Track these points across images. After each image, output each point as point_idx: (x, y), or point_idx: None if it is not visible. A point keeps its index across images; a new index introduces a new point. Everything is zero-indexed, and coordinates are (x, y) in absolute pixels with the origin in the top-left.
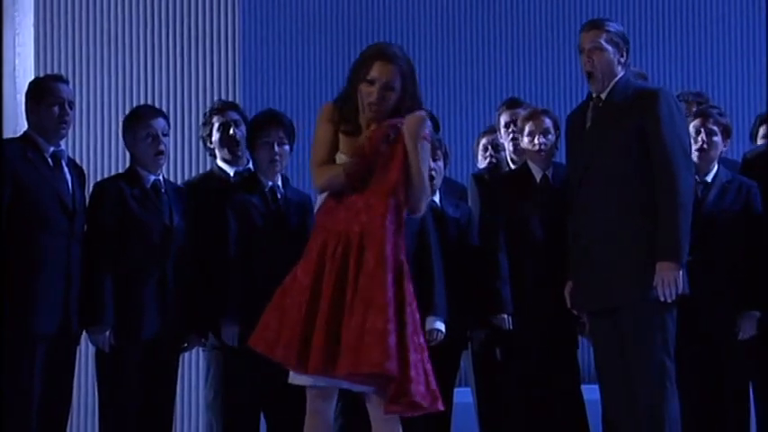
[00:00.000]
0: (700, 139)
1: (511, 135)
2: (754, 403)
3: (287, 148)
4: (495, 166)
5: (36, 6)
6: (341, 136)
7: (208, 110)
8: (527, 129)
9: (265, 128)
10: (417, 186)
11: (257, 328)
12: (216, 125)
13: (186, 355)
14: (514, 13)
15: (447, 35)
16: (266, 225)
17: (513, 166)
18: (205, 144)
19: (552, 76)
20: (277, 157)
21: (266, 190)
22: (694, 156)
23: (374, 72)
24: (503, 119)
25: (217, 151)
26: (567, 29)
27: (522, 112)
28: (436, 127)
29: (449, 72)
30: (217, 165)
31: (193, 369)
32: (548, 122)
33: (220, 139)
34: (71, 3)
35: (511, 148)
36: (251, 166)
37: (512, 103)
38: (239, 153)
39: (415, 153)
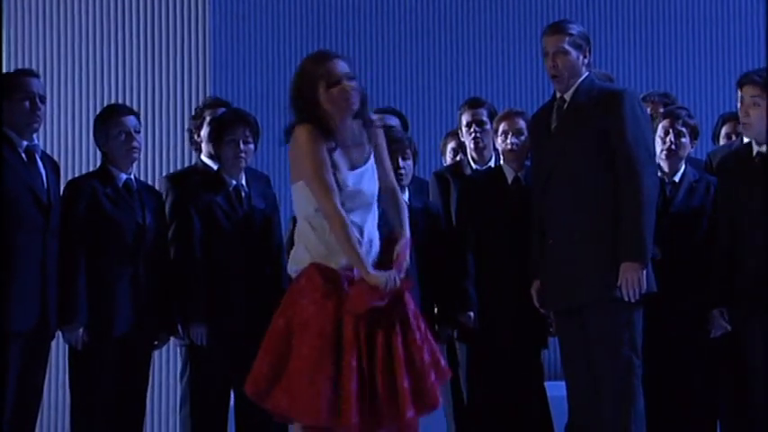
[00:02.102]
0: (668, 140)
1: (472, 134)
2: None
3: (252, 146)
4: (457, 164)
5: (7, 4)
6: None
7: (201, 104)
8: (500, 129)
9: (231, 126)
10: (392, 179)
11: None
12: (207, 120)
13: (159, 352)
14: (481, 12)
15: (414, 35)
16: (230, 224)
17: (474, 166)
18: (191, 137)
19: (518, 76)
20: (242, 155)
21: (230, 189)
22: (662, 156)
23: (334, 71)
24: (464, 118)
25: (203, 146)
26: (534, 28)
27: (484, 112)
28: (405, 126)
29: (415, 71)
30: (201, 159)
31: (164, 366)
32: (521, 123)
33: (210, 134)
34: (41, 1)
35: (472, 147)
36: None
37: (473, 103)
38: None
39: (385, 153)
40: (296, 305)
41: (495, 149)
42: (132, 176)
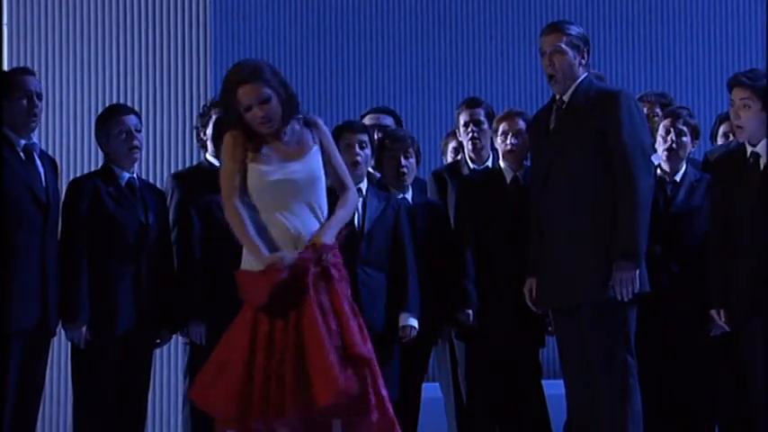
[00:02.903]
0: (669, 138)
1: (470, 134)
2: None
3: None
4: (455, 164)
5: (8, 5)
6: (250, 154)
7: (207, 102)
8: (500, 129)
9: None
10: (343, 176)
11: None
12: (213, 119)
13: (161, 350)
14: (481, 13)
15: (414, 35)
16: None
17: (471, 165)
18: (198, 136)
19: (518, 76)
20: None
21: None
22: (663, 156)
23: (243, 100)
24: (462, 118)
25: (209, 144)
26: (533, 28)
27: (482, 112)
28: (399, 125)
29: (415, 71)
30: (206, 158)
31: (165, 364)
32: (521, 124)
33: (213, 134)
34: (43, 1)
35: (470, 147)
36: None
37: (471, 103)
38: None
39: (333, 147)
40: None
41: (493, 149)
42: (135, 175)
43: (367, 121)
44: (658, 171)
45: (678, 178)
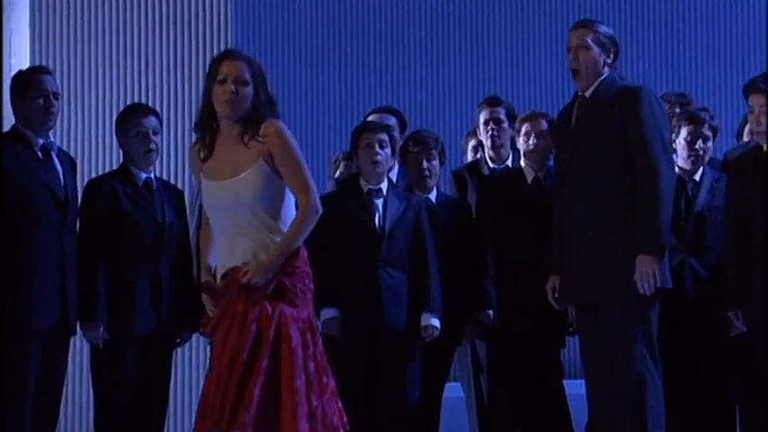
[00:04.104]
0: (698, 146)
1: (490, 132)
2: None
3: None
4: (475, 163)
5: (31, 6)
6: (203, 166)
7: None
8: (523, 129)
9: None
10: (295, 189)
11: None
12: None
13: (181, 350)
14: (503, 13)
15: (435, 34)
16: None
17: (491, 164)
18: None
19: (539, 76)
20: None
21: None
22: (689, 161)
23: (223, 70)
24: (482, 116)
25: None
26: (555, 29)
27: (502, 111)
28: (403, 125)
29: (436, 71)
30: None
31: (186, 363)
32: (544, 124)
33: None
34: (65, 2)
35: (489, 145)
36: None
37: (491, 102)
38: None
39: (287, 159)
40: None
41: (513, 148)
42: (152, 175)
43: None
44: (677, 170)
45: (697, 178)
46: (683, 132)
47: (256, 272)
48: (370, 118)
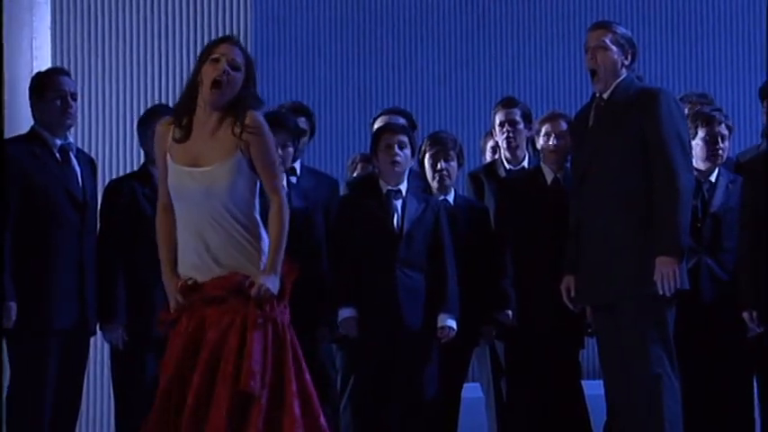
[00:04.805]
0: (717, 147)
1: (505, 134)
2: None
3: (290, 150)
4: (491, 164)
5: (52, 9)
6: (172, 146)
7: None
8: (543, 130)
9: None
10: (268, 187)
11: None
12: None
13: None
14: (520, 13)
15: (452, 35)
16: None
17: (507, 165)
18: None
19: (557, 77)
20: (280, 159)
21: None
22: (707, 161)
23: (220, 50)
24: (497, 118)
25: None
26: (572, 29)
27: (518, 112)
28: (413, 126)
29: (453, 71)
30: None
31: None
32: (563, 125)
33: None
34: (87, 4)
35: (505, 146)
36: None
37: (507, 103)
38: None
39: (264, 153)
40: None
41: (530, 149)
42: None
43: (380, 122)
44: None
45: (713, 179)
46: (701, 133)
47: (264, 283)
48: (379, 119)
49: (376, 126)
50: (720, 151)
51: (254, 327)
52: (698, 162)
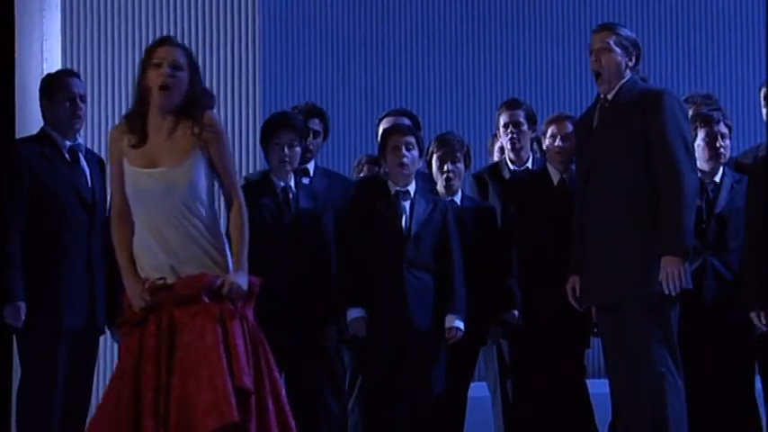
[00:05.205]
0: (718, 145)
1: (510, 135)
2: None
3: (298, 149)
4: (495, 165)
5: (63, 11)
6: (128, 152)
7: (292, 109)
8: (549, 131)
9: (276, 130)
10: (227, 186)
11: None
12: None
13: None
14: (528, 15)
15: (461, 37)
16: (277, 224)
17: (511, 166)
18: None
19: (562, 78)
20: (287, 159)
21: (278, 190)
22: (710, 161)
23: (160, 53)
24: (502, 119)
25: None
26: (578, 31)
27: (521, 113)
28: (417, 126)
29: (460, 73)
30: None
31: None
32: (569, 127)
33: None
34: (96, 7)
35: (509, 147)
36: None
37: (511, 104)
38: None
39: (222, 151)
40: None
41: (533, 150)
42: None
43: (385, 123)
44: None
45: (717, 179)
46: (701, 134)
47: (235, 280)
48: (384, 120)
49: (383, 127)
50: (722, 149)
51: (233, 317)
52: (701, 163)
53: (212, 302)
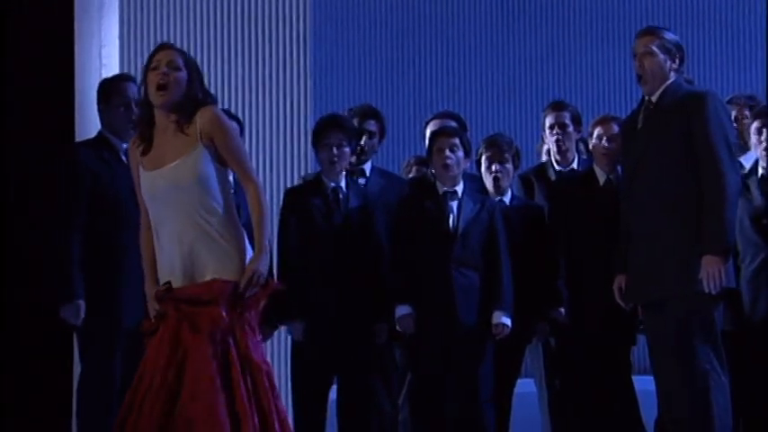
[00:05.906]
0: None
1: (555, 137)
2: None
3: (347, 150)
4: (541, 166)
5: (120, 18)
6: (141, 159)
7: (351, 110)
8: (596, 132)
9: (326, 131)
10: (240, 172)
11: None
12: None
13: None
14: (572, 15)
15: (505, 36)
16: (327, 225)
17: (557, 167)
18: None
19: (607, 79)
20: (336, 159)
21: (328, 191)
22: (764, 154)
23: (157, 57)
24: (547, 121)
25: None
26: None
27: (567, 115)
28: (463, 128)
29: (506, 73)
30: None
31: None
32: (615, 128)
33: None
34: (154, 13)
35: (554, 149)
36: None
37: (556, 106)
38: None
39: (228, 143)
40: None
41: (578, 151)
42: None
43: (432, 126)
44: (760, 169)
45: None
46: (753, 129)
47: (257, 269)
48: (431, 123)
49: (429, 130)
50: None
51: (241, 321)
52: (761, 158)
53: (216, 312)
